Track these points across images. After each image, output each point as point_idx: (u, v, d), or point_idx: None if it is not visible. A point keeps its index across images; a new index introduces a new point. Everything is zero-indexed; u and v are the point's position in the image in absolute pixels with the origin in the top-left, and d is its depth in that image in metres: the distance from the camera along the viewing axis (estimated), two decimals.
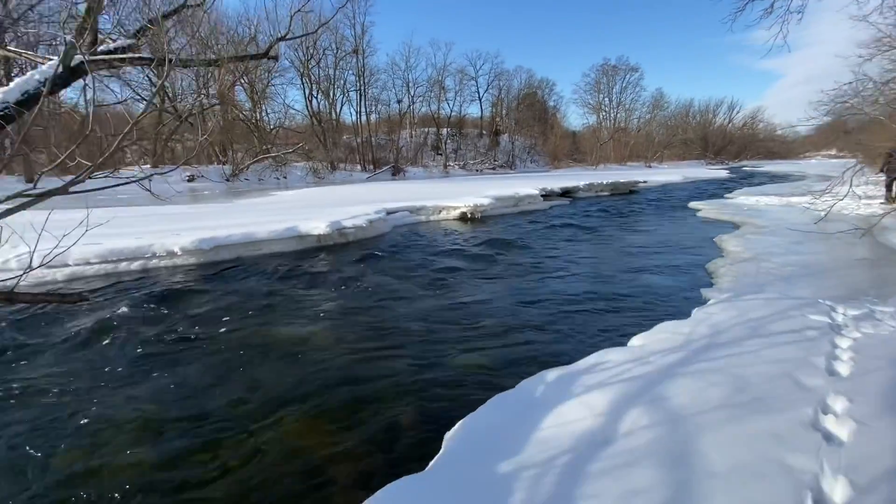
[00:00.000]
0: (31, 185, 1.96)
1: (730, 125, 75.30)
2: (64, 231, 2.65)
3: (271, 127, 40.93)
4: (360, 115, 45.37)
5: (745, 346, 3.22)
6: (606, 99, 64.57)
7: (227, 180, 32.79)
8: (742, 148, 75.33)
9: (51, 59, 3.66)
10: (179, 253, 7.84)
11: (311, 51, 40.36)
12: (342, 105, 45.69)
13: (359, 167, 43.44)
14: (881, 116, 17.11)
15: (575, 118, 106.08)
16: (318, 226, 9.40)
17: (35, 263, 2.26)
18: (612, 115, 65.14)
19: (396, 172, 42.73)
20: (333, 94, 43.37)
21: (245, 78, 37.50)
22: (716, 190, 23.49)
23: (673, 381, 2.70)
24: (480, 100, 56.94)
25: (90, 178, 2.07)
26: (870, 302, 4.45)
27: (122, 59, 3.79)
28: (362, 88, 44.69)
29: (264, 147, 36.70)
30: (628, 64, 62.68)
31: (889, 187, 12.35)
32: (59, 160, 2.22)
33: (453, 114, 53.92)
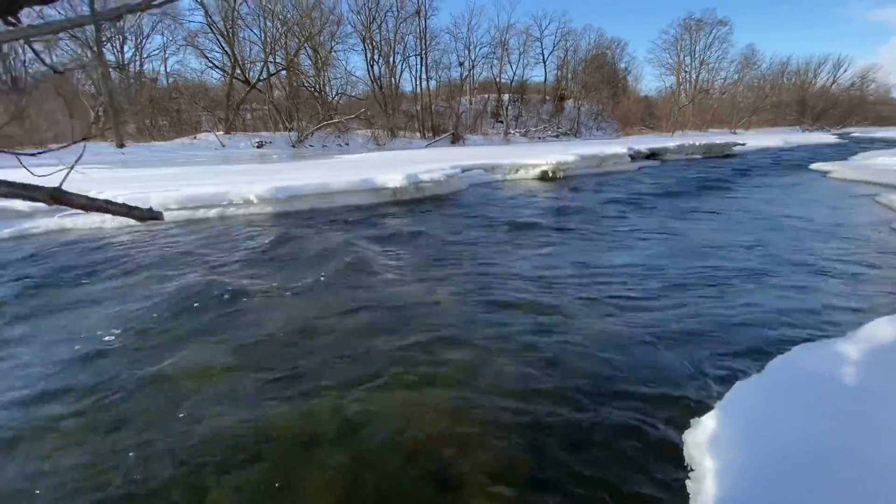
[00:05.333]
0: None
1: (833, 86, 65.71)
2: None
3: (334, 94, 40.92)
4: (421, 81, 44.21)
5: None
6: (688, 58, 58.36)
7: (293, 146, 33.25)
8: (848, 112, 65.65)
9: None
10: (255, 201, 7.42)
11: (374, 13, 39.39)
12: (402, 71, 44.71)
13: (418, 135, 42.61)
14: None
15: (650, 80, 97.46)
16: (394, 178, 8.65)
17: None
18: (693, 76, 58.97)
19: (456, 140, 41.49)
20: (393, 59, 42.39)
21: (309, 44, 37.36)
22: (831, 154, 20.11)
23: None
24: (545, 62, 53.57)
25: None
26: None
27: None
28: (423, 52, 43.27)
29: (328, 114, 36.78)
30: (715, 17, 55.84)
31: None
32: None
33: (515, 78, 51.21)
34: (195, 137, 29.94)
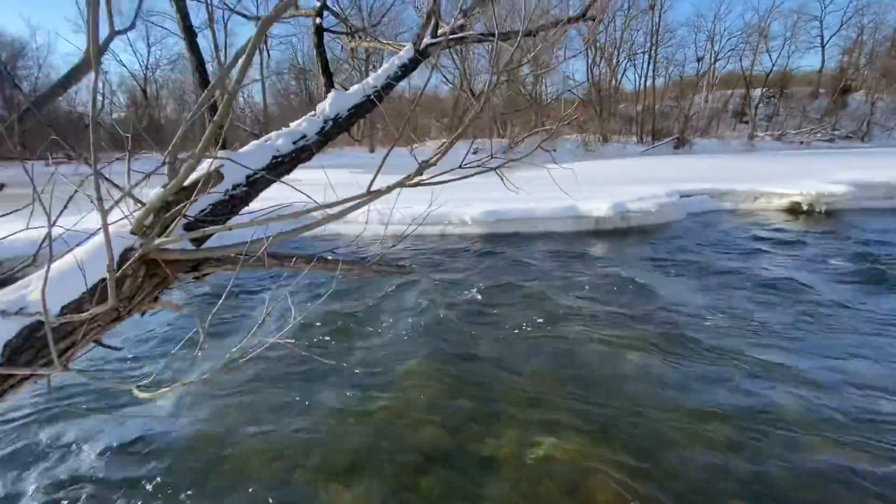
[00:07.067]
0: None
1: None
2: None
3: (550, 99, 41.55)
4: (646, 80, 40.72)
5: None
6: None
7: (504, 153, 35.41)
8: None
9: (405, 45, 4.05)
10: (469, 222, 8.52)
11: (603, 14, 38.06)
12: (625, 70, 41.97)
13: (634, 139, 39.49)
14: None
15: None
16: (598, 206, 8.55)
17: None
18: None
19: (680, 144, 36.86)
20: (617, 58, 40.18)
21: (531, 54, 38.82)
22: None
23: None
24: (823, 46, 42.02)
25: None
26: None
27: (461, 38, 3.86)
28: (652, 49, 39.64)
29: (540, 121, 37.74)
30: None
31: None
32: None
33: (775, 69, 41.73)
34: (424, 143, 35.07)
